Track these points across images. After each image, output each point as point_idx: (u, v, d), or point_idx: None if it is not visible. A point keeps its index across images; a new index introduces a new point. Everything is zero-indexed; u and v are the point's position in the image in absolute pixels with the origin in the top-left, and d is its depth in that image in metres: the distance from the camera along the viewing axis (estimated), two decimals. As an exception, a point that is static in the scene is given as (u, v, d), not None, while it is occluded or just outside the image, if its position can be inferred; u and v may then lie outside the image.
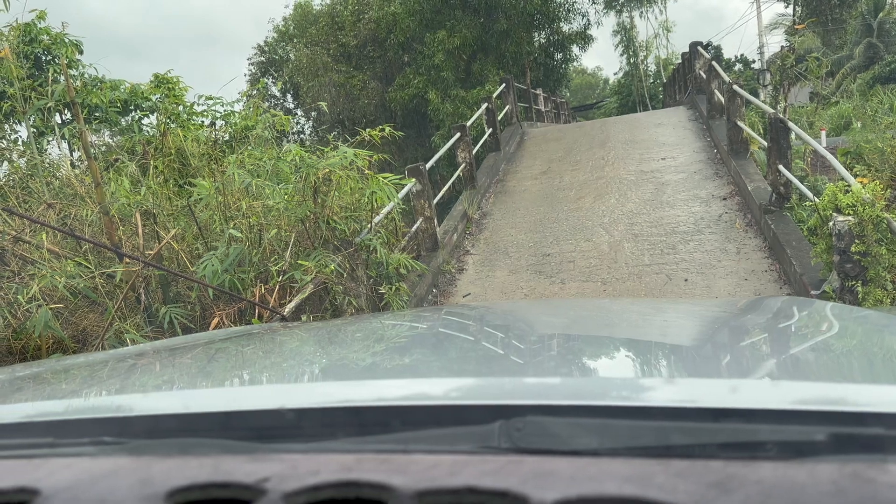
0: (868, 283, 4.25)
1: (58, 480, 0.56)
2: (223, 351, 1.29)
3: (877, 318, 1.31)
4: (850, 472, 0.48)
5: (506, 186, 9.58)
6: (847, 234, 4.24)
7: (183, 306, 4.22)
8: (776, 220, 5.91)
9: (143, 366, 1.20)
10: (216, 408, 0.72)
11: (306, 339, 1.37)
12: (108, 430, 0.69)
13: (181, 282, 4.59)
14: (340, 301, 4.57)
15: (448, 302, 6.28)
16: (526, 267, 6.63)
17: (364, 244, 4.99)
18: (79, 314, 4.23)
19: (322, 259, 4.45)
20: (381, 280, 5.19)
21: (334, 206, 4.89)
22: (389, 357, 1.13)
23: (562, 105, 20.76)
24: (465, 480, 0.50)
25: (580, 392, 0.71)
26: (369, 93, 21.38)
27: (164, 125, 7.61)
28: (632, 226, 7.05)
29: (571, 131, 12.88)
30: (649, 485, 0.48)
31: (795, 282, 5.04)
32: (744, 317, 1.44)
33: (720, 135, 8.82)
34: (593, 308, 1.75)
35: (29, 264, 4.61)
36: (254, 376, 1.05)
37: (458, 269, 6.95)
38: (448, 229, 7.53)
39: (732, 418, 0.58)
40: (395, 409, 0.68)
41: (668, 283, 5.63)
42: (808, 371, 0.88)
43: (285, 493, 0.50)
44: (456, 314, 1.66)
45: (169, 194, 5.44)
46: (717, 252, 6.07)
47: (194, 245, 4.82)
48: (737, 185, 7.45)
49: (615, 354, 1.06)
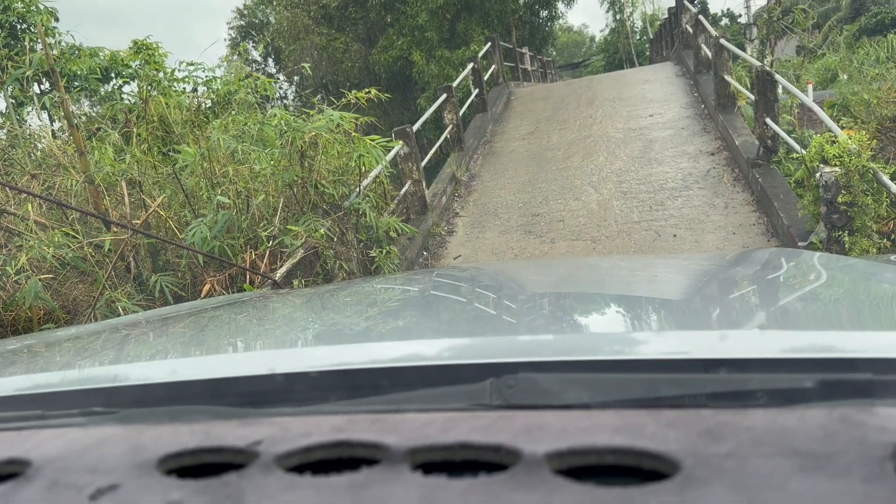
0: (855, 232, 4.30)
1: (48, 451, 0.56)
2: (214, 319, 1.29)
3: (863, 266, 1.32)
4: (838, 417, 0.48)
5: (494, 148, 9.52)
6: (834, 185, 4.27)
7: (173, 274, 4.20)
8: (764, 173, 5.93)
9: (132, 336, 1.20)
10: (207, 375, 0.72)
11: (296, 305, 1.37)
12: (98, 401, 0.69)
13: (170, 250, 4.56)
14: (331, 265, 4.57)
15: (439, 264, 6.29)
16: (516, 227, 6.64)
17: (353, 208, 4.96)
18: (68, 285, 4.20)
19: (311, 224, 4.42)
20: (372, 244, 5.18)
21: (322, 171, 4.85)
22: (380, 320, 1.13)
23: (548, 64, 20.52)
24: (457, 437, 0.50)
25: (570, 348, 0.71)
26: (352, 55, 20.99)
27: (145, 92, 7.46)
28: (620, 183, 7.06)
29: (558, 90, 12.76)
30: (640, 435, 0.48)
31: (783, 234, 5.09)
32: (732, 269, 1.45)
33: (707, 90, 8.78)
34: (583, 266, 1.75)
35: (14, 236, 4.56)
36: (244, 342, 1.05)
37: (448, 231, 6.95)
38: (437, 192, 7.50)
39: (722, 368, 0.58)
40: (387, 370, 0.68)
41: (657, 240, 5.67)
42: (796, 320, 0.89)
43: (277, 456, 0.50)
44: (446, 276, 1.66)
45: (154, 162, 5.37)
46: (705, 207, 6.10)
47: (181, 213, 4.78)
48: (724, 140, 7.44)
49: (605, 310, 1.07)
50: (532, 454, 0.47)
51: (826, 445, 0.45)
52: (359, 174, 5.09)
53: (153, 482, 0.49)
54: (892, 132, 8.48)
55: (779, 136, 5.83)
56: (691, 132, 8.14)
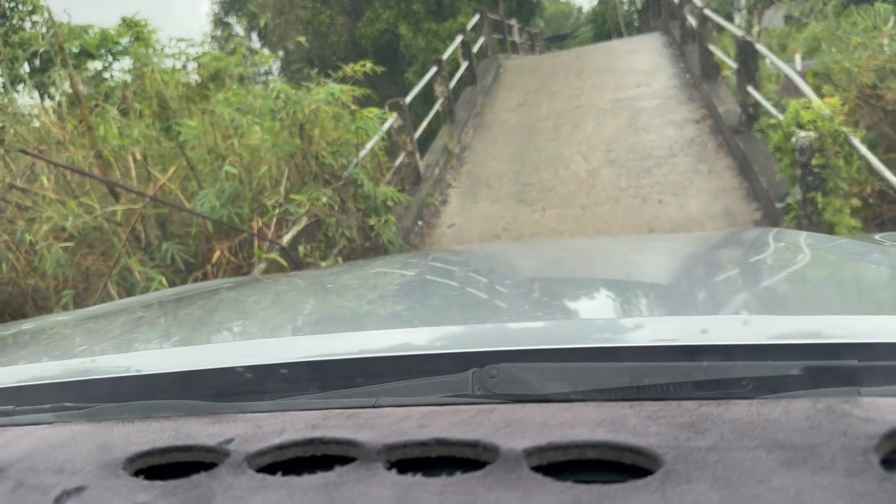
0: (828, 193, 4.55)
1: (14, 451, 0.55)
2: (189, 308, 1.26)
3: (851, 246, 1.30)
4: (824, 408, 0.48)
5: (484, 119, 9.69)
6: (808, 149, 4.51)
7: (183, 243, 4.41)
8: (745, 140, 6.17)
9: (104, 328, 1.15)
10: (177, 367, 0.70)
11: (273, 295, 1.33)
12: (68, 396, 0.68)
13: (178, 221, 4.76)
14: (333, 232, 4.79)
15: (434, 233, 6.51)
16: (507, 196, 6.86)
17: (352, 178, 5.16)
18: (80, 255, 4.39)
19: (314, 193, 4.63)
20: (370, 212, 5.39)
21: (321, 142, 5.04)
22: (360, 308, 1.10)
23: (536, 36, 20.53)
24: (433, 433, 0.50)
25: (555, 336, 0.70)
26: (338, 29, 20.86)
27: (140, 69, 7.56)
28: (608, 152, 7.27)
29: (547, 62, 12.89)
30: (621, 429, 0.48)
31: (762, 197, 5.35)
32: (719, 251, 1.44)
33: (693, 60, 8.96)
34: (571, 249, 1.73)
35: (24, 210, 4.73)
36: (217, 334, 1.01)
37: (441, 201, 7.16)
38: (430, 163, 7.69)
39: (707, 356, 0.57)
40: (363, 361, 0.66)
41: (643, 206, 5.91)
42: (783, 305, 0.87)
43: (249, 455, 0.50)
44: (429, 261, 1.65)
45: (157, 136, 5.53)
46: (689, 173, 6.34)
47: (186, 184, 4.95)
48: (708, 109, 7.66)
49: (591, 296, 1.05)
50: (510, 450, 0.46)
51: (810, 438, 0.44)
52: (356, 145, 5.28)
53: (121, 483, 0.48)
54: (871, 99, 8.73)
55: (759, 104, 6.06)
56: (677, 101, 8.34)
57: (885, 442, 0.43)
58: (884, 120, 7.49)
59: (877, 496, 0.38)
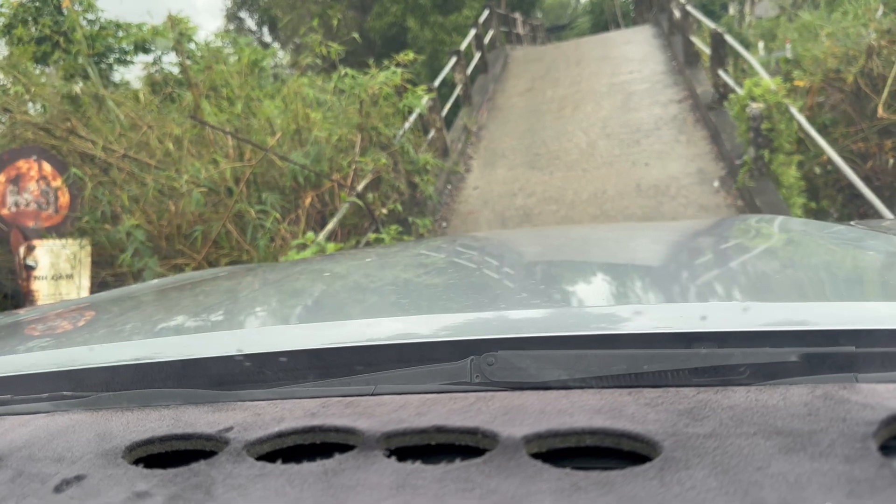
0: (774, 151, 5.91)
1: (12, 440, 0.56)
2: (188, 297, 1.26)
3: (846, 232, 1.30)
4: (821, 394, 0.48)
5: (496, 103, 11.03)
6: (759, 117, 5.86)
7: (281, 193, 5.77)
8: (717, 115, 7.51)
9: (102, 317, 1.16)
10: (175, 356, 0.70)
11: (275, 281, 1.33)
12: (66, 385, 0.68)
13: (269, 181, 6.11)
14: (390, 186, 6.15)
15: (461, 195, 7.86)
16: (521, 164, 8.22)
17: (401, 146, 6.52)
18: (206, 202, 5.74)
19: (375, 156, 5.98)
20: (414, 173, 6.75)
21: (377, 116, 6.39)
22: (360, 295, 1.11)
23: (537, 28, 21.81)
24: (432, 420, 0.50)
25: (554, 324, 0.70)
26: (348, 22, 22.06)
27: (205, 62, 8.91)
28: (605, 128, 8.62)
29: (549, 52, 14.23)
30: (619, 416, 0.48)
31: (727, 157, 6.70)
32: (718, 239, 1.45)
33: (678, 49, 10.29)
34: (567, 237, 1.76)
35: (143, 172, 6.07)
36: (216, 322, 1.00)
37: (465, 169, 8.52)
38: (453, 139, 9.04)
39: (705, 343, 0.57)
40: (362, 349, 0.66)
41: (633, 168, 7.27)
42: (781, 291, 0.86)
43: (248, 443, 0.50)
44: (426, 249, 1.64)
45: (240, 114, 6.87)
46: (671, 143, 7.70)
47: (277, 149, 6.31)
48: (689, 91, 9.01)
49: (589, 284, 1.04)
50: (509, 437, 0.46)
51: (808, 424, 0.44)
52: (403, 119, 6.63)
53: (120, 472, 0.48)
54: (835, 82, 10.08)
55: (728, 84, 7.40)
56: (664, 85, 9.69)
57: (884, 428, 0.43)
58: (845, 100, 8.86)
59: (875, 482, 0.38)
